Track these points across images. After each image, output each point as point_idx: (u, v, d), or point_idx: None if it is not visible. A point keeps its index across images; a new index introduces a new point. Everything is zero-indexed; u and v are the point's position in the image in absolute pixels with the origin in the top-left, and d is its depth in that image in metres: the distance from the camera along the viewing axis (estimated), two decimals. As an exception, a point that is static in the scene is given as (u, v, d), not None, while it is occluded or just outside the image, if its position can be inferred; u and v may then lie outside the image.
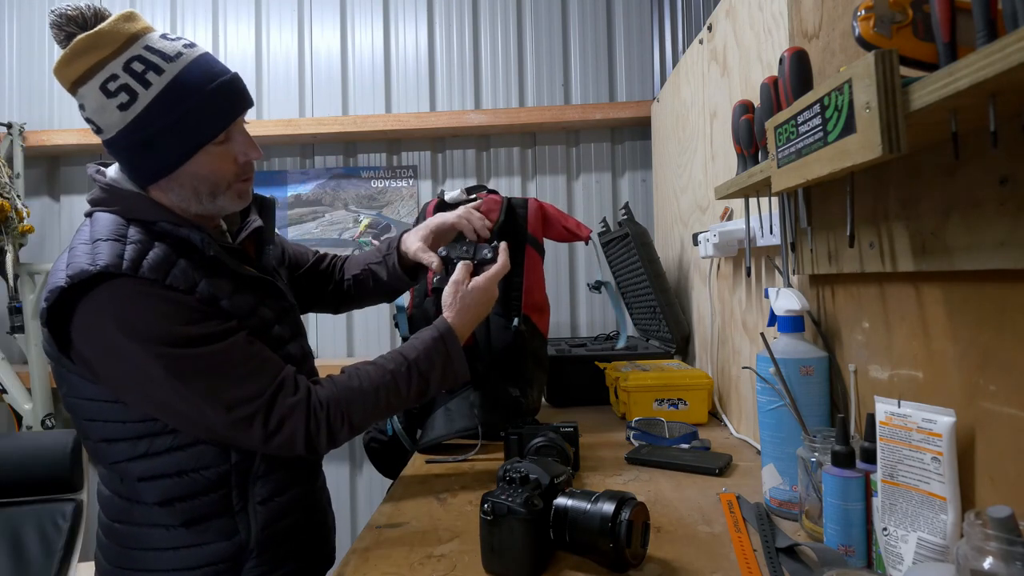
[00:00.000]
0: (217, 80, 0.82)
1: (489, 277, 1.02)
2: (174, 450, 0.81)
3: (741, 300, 1.22)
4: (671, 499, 0.91)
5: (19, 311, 2.02)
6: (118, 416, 0.81)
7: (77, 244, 0.79)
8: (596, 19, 2.20)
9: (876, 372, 0.78)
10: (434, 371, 0.91)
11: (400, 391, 0.89)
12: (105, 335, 0.76)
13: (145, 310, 0.76)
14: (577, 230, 1.31)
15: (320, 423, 0.82)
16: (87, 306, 0.75)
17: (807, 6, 0.90)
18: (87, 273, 0.74)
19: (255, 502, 0.85)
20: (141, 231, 0.81)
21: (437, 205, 1.28)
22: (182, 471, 0.81)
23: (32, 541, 1.27)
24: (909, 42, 0.55)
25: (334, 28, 2.25)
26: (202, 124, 0.81)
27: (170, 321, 0.77)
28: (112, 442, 0.82)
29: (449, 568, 0.72)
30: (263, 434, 0.79)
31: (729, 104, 1.19)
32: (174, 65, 0.80)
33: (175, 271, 0.79)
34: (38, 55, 2.30)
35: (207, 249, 0.83)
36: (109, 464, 0.84)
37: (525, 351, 1.22)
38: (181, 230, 0.83)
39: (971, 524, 0.48)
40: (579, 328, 2.21)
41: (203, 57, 0.82)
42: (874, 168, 0.66)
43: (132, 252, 0.77)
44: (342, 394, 0.85)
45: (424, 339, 0.93)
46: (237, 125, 0.86)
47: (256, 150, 0.88)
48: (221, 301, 0.82)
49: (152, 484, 0.81)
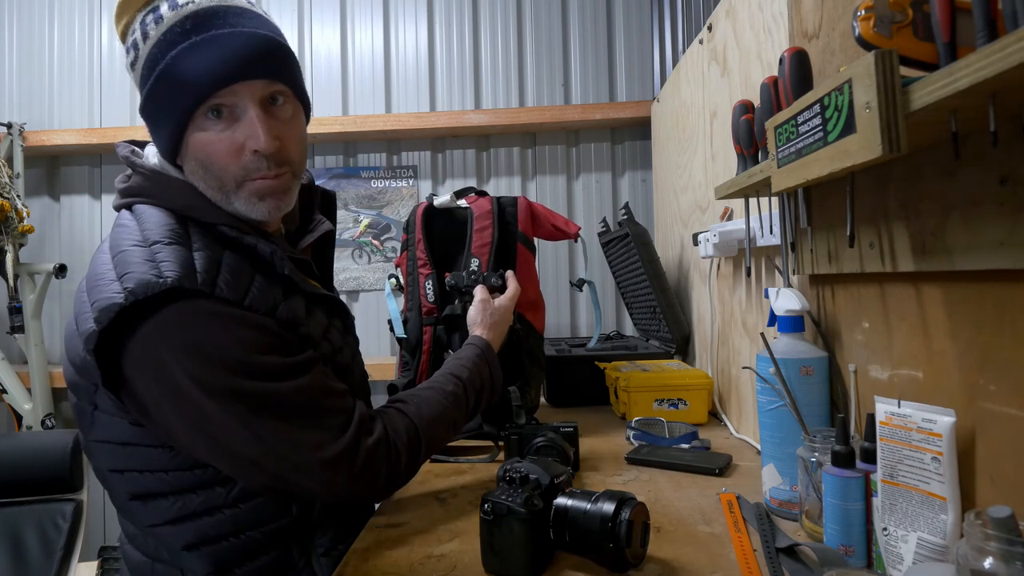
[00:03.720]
0: (187, 42, 0.65)
1: (510, 297, 1.06)
2: (230, 506, 0.69)
3: (741, 300, 1.22)
4: (671, 499, 0.91)
5: (19, 311, 2.01)
6: (160, 464, 0.68)
7: (127, 245, 0.65)
8: (596, 19, 2.20)
9: (876, 372, 0.78)
10: (484, 386, 0.91)
11: (462, 410, 0.86)
12: (168, 363, 0.62)
13: (223, 335, 0.63)
14: (566, 227, 1.31)
15: (400, 456, 0.74)
16: (150, 329, 0.62)
17: (807, 6, 0.90)
18: (154, 288, 0.60)
19: (318, 554, 0.76)
20: (202, 235, 0.68)
21: (426, 209, 1.28)
22: (239, 530, 0.70)
23: (32, 541, 1.27)
24: (909, 42, 0.55)
25: (334, 28, 2.25)
26: (176, 93, 0.67)
27: (250, 350, 0.65)
28: (150, 499, 0.69)
29: (449, 568, 0.72)
30: (348, 477, 0.68)
31: (729, 104, 1.19)
32: (175, 13, 0.67)
33: (253, 289, 0.67)
34: (38, 55, 2.29)
35: (279, 266, 0.71)
36: (145, 527, 0.71)
37: (521, 350, 1.22)
38: (247, 239, 0.70)
39: (971, 524, 0.48)
40: (579, 328, 2.21)
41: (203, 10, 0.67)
42: (874, 168, 0.66)
43: (203, 262, 0.64)
44: (415, 423, 0.78)
45: (469, 356, 0.93)
46: (247, 102, 0.68)
47: (267, 140, 0.69)
48: (300, 327, 0.71)
49: (202, 551, 0.69)
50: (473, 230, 1.24)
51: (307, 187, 0.89)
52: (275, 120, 0.72)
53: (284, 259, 0.72)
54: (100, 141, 2.15)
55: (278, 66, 0.71)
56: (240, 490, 0.70)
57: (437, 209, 1.28)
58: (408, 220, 1.30)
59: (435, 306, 1.23)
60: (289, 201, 0.76)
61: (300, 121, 0.77)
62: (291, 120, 0.74)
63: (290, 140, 0.73)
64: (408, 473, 0.77)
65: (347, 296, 2.24)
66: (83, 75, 2.28)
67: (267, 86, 0.70)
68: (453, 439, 0.87)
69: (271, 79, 0.70)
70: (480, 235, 1.23)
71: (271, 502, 0.72)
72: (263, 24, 0.71)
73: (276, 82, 0.71)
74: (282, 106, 0.73)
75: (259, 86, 0.69)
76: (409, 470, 0.77)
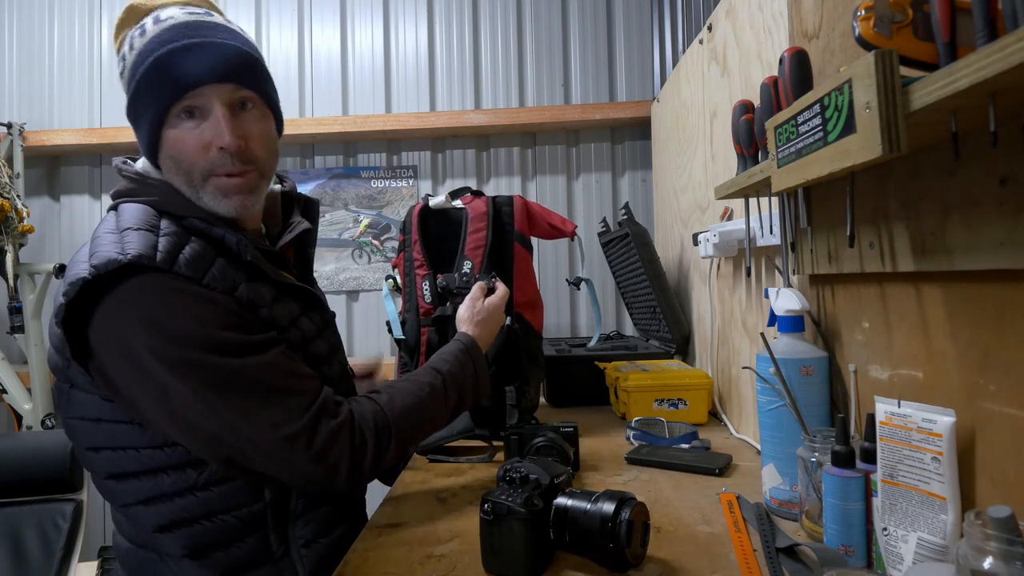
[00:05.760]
0: (162, 49, 0.72)
1: (501, 297, 1.07)
2: (202, 488, 0.71)
3: (741, 300, 1.22)
4: (671, 499, 0.91)
5: (19, 311, 2.01)
6: (131, 441, 0.70)
7: (102, 234, 0.70)
8: (596, 19, 2.20)
9: (876, 372, 0.78)
10: (467, 382, 0.90)
11: (440, 403, 0.85)
12: (129, 336, 0.65)
13: (180, 310, 0.67)
14: (562, 226, 1.32)
15: (366, 442, 0.74)
16: (112, 302, 0.65)
17: (807, 6, 0.90)
18: (116, 263, 0.64)
19: (297, 545, 0.76)
20: (174, 224, 0.72)
21: (422, 209, 1.28)
22: (211, 513, 0.71)
23: (32, 541, 1.27)
24: (909, 42, 0.55)
25: (334, 28, 2.25)
26: (151, 95, 0.73)
27: (207, 324, 0.67)
28: (123, 478, 0.71)
29: (449, 568, 0.72)
30: (306, 457, 0.69)
31: (729, 104, 1.19)
32: (157, 26, 0.74)
33: (213, 270, 0.70)
34: (38, 55, 2.29)
35: (243, 253, 0.74)
36: (120, 506, 0.73)
37: (520, 349, 1.22)
38: (215, 230, 0.74)
39: (971, 524, 0.48)
40: (579, 328, 2.21)
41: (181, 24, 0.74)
42: (874, 168, 0.66)
43: (167, 244, 0.68)
44: (386, 411, 0.78)
45: (451, 351, 0.93)
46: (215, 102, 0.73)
47: (231, 137, 0.73)
48: (261, 309, 0.74)
49: (175, 534, 0.71)
50: (467, 232, 1.24)
51: (288, 194, 0.96)
52: (241, 121, 0.76)
53: (247, 247, 0.75)
54: (100, 141, 2.15)
55: (247, 75, 0.77)
56: (211, 473, 0.71)
57: (433, 210, 1.28)
58: (404, 221, 1.31)
59: (432, 307, 1.23)
60: (255, 199, 0.79)
61: (268, 125, 0.81)
62: (258, 122, 0.79)
63: (255, 140, 0.78)
64: (376, 461, 0.75)
65: (347, 296, 2.24)
66: (83, 75, 2.28)
67: (235, 91, 0.76)
68: (430, 433, 0.87)
69: (239, 85, 0.76)
70: (474, 237, 1.23)
71: (243, 486, 0.73)
72: (236, 38, 0.78)
73: (244, 88, 0.77)
74: (251, 111, 0.78)
75: (227, 90, 0.75)
76: (377, 458, 0.75)
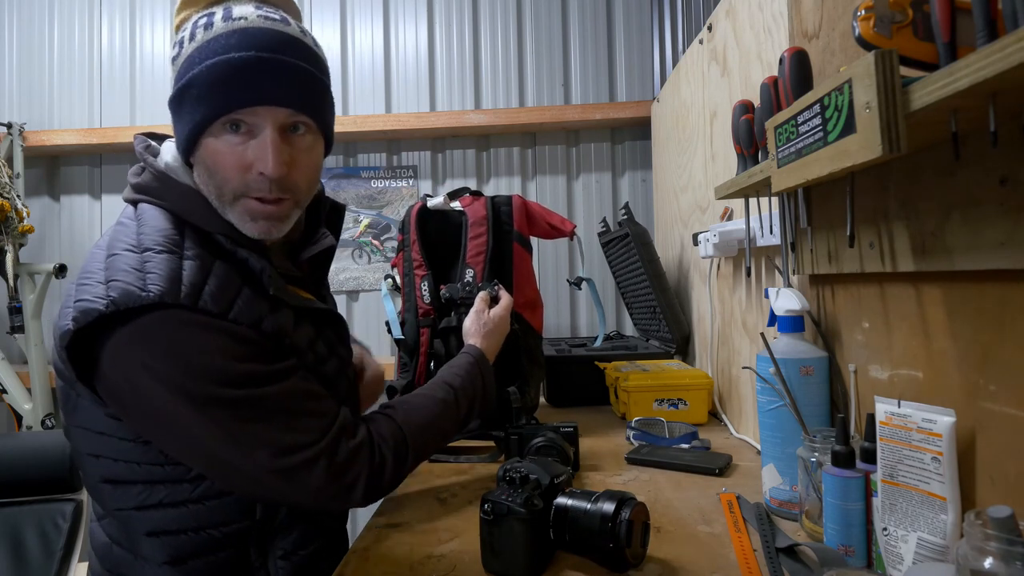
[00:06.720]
0: (226, 55, 0.67)
1: (505, 307, 1.07)
2: (195, 502, 0.70)
3: (741, 300, 1.22)
4: (671, 499, 0.91)
5: (19, 311, 2.01)
6: (134, 456, 0.69)
7: (120, 248, 0.67)
8: (596, 19, 2.20)
9: (876, 372, 0.78)
10: (476, 395, 0.91)
11: (452, 418, 0.86)
12: (148, 367, 0.63)
13: (203, 344, 0.65)
14: (562, 226, 1.31)
15: (386, 460, 0.74)
16: (129, 332, 0.63)
17: (807, 6, 0.90)
18: (136, 301, 0.62)
19: (275, 556, 0.76)
20: (197, 242, 0.69)
21: (420, 210, 1.28)
22: (200, 527, 0.71)
23: (32, 541, 1.27)
24: (909, 42, 0.55)
25: (334, 28, 2.25)
26: (201, 100, 0.68)
27: (231, 357, 0.66)
28: (119, 484, 0.71)
29: (449, 568, 0.72)
30: (325, 480, 0.68)
31: (729, 104, 1.19)
32: (226, 25, 0.68)
33: (239, 302, 0.68)
34: (38, 55, 2.29)
35: (268, 285, 0.72)
36: (112, 510, 0.73)
37: (520, 349, 1.22)
38: (240, 252, 0.71)
39: (971, 524, 0.48)
40: (579, 328, 2.20)
41: (254, 30, 0.68)
42: (874, 168, 0.66)
43: (191, 275, 0.65)
44: (403, 429, 0.78)
45: (463, 365, 0.93)
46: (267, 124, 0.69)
47: (276, 165, 0.69)
48: (286, 339, 0.72)
49: (162, 540, 0.71)
50: (468, 238, 1.23)
51: (316, 197, 0.87)
52: (289, 147, 0.72)
53: (272, 280, 0.72)
54: (100, 141, 2.15)
55: (308, 100, 0.72)
56: (205, 488, 0.71)
57: (431, 210, 1.28)
58: (403, 221, 1.30)
59: (431, 308, 1.23)
60: (283, 228, 0.75)
61: (317, 153, 0.76)
62: (307, 150, 0.74)
63: (300, 168, 0.73)
64: (394, 479, 0.76)
65: (347, 296, 2.24)
66: (83, 75, 2.28)
67: (291, 115, 0.71)
68: (444, 445, 0.87)
69: (296, 110, 0.71)
70: (474, 243, 1.22)
71: (235, 504, 0.72)
72: (309, 58, 0.72)
73: (301, 113, 0.72)
74: (302, 135, 0.73)
75: (284, 114, 0.70)
76: (395, 476, 0.76)
